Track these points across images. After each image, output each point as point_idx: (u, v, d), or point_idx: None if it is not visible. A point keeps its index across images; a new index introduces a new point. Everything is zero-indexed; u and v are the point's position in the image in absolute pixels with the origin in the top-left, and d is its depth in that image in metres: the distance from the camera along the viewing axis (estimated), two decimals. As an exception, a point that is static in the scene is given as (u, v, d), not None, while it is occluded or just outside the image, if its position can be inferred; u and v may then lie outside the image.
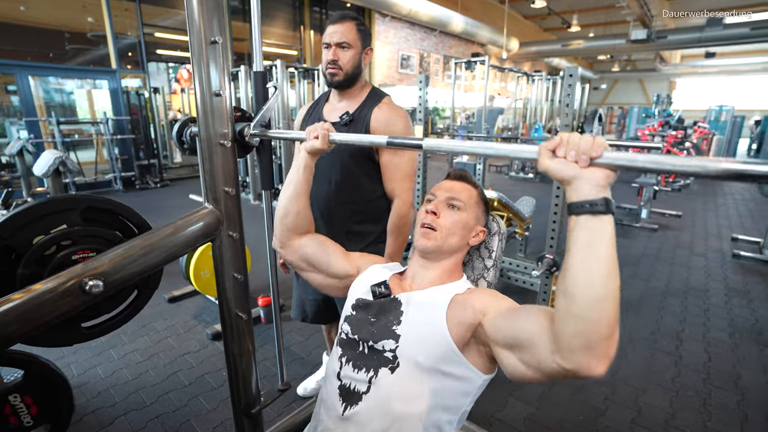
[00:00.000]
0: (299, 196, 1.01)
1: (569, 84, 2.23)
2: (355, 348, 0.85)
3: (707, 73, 18.03)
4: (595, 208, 0.54)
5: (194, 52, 0.96)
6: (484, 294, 0.82)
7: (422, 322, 0.80)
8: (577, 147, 0.55)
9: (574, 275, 0.55)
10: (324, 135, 0.93)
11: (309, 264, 1.03)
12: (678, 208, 5.12)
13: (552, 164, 0.57)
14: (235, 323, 1.19)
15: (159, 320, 2.41)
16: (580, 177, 0.55)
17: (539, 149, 0.59)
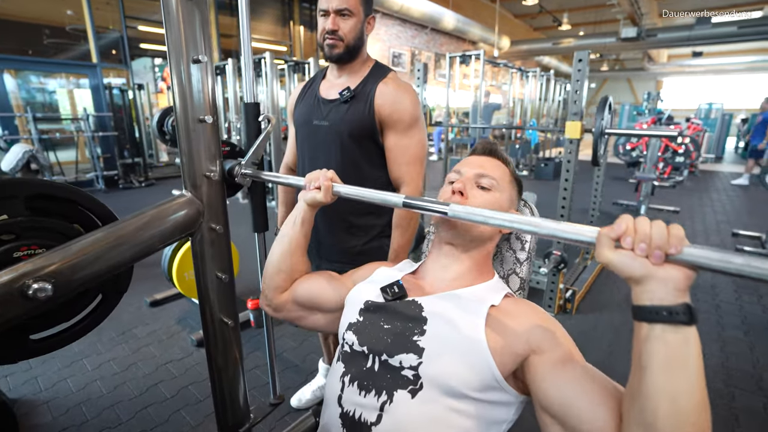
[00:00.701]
0: (296, 250, 0.86)
1: (578, 69, 2.11)
2: (363, 363, 0.68)
3: (694, 72, 18.30)
4: (675, 317, 0.43)
5: (174, 71, 0.84)
6: (534, 317, 0.66)
7: (456, 338, 0.64)
8: (648, 238, 0.44)
9: (655, 403, 0.44)
10: (327, 187, 0.79)
11: (307, 307, 0.88)
12: (675, 204, 5.06)
13: (615, 258, 0.46)
14: (220, 330, 1.03)
15: (139, 326, 2.22)
16: (652, 277, 0.44)
17: (599, 237, 0.47)
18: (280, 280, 0.87)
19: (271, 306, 0.90)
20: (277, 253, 0.87)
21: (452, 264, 0.76)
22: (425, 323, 0.67)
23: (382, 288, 0.75)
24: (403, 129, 1.12)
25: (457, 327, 0.65)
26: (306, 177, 0.83)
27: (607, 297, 2.67)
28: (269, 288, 0.89)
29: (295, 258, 0.87)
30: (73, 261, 0.75)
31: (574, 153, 2.19)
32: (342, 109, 1.13)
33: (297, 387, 1.73)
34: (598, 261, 0.48)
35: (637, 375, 0.46)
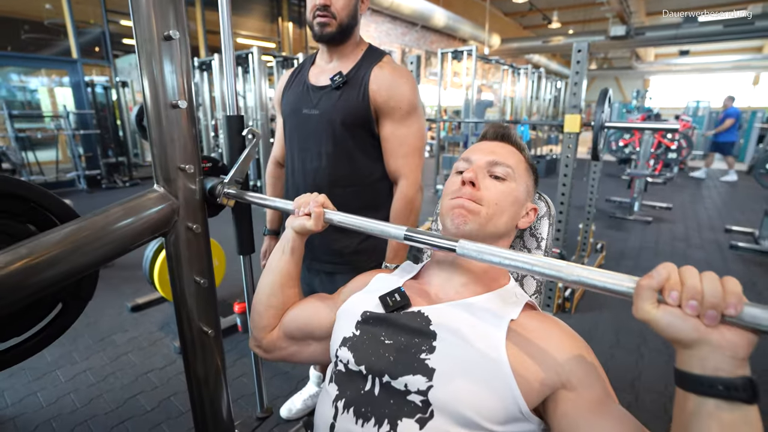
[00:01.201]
0: (287, 281, 0.77)
1: (578, 60, 2.04)
2: (360, 385, 0.58)
3: (680, 71, 18.56)
4: (733, 393, 0.35)
5: (142, 50, 0.74)
6: (565, 342, 0.56)
7: (472, 358, 0.54)
8: (699, 294, 0.36)
9: None
10: (318, 214, 0.70)
11: (299, 339, 0.77)
12: (667, 200, 5.05)
13: (660, 316, 0.38)
14: (199, 340, 0.93)
15: (119, 333, 2.09)
16: (706, 342, 0.36)
17: (638, 289, 0.39)
18: (270, 318, 0.78)
19: (261, 347, 0.80)
20: (266, 287, 0.78)
21: (463, 267, 0.66)
22: (434, 338, 0.57)
23: (382, 297, 0.65)
24: (401, 117, 1.02)
25: (472, 344, 0.55)
26: (294, 201, 0.74)
27: (603, 295, 2.61)
28: (258, 328, 0.79)
29: (287, 291, 0.77)
30: (22, 266, 0.64)
31: (573, 147, 2.12)
32: (334, 96, 1.03)
33: (287, 396, 1.63)
34: (637, 317, 0.39)
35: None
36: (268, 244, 1.35)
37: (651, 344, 2.07)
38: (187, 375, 0.96)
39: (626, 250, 3.46)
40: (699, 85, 19.37)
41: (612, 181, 6.31)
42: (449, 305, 0.62)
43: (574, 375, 0.53)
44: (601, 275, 0.44)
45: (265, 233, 1.36)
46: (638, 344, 2.06)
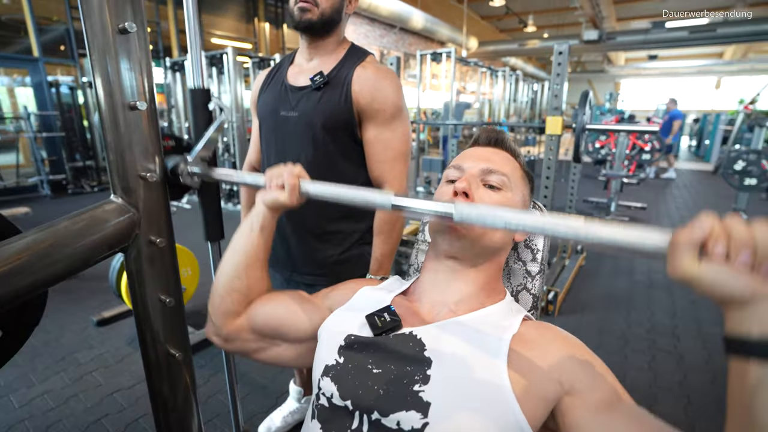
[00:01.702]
0: (254, 263, 0.68)
1: (559, 63, 2.03)
2: (347, 423, 0.51)
3: (649, 74, 19.28)
4: None
5: (93, 45, 0.66)
6: (564, 348, 0.52)
7: (471, 386, 0.49)
8: (752, 244, 0.32)
9: None
10: (293, 186, 0.62)
11: (268, 336, 0.68)
12: (642, 200, 5.18)
13: (706, 272, 0.33)
14: (166, 364, 0.84)
15: (83, 350, 1.95)
16: (763, 297, 0.31)
17: (675, 242, 0.34)
18: (232, 303, 0.68)
19: (220, 336, 0.70)
20: (229, 268, 0.68)
21: (457, 282, 0.61)
22: (429, 366, 0.51)
23: (369, 316, 0.59)
24: (385, 120, 0.96)
25: (471, 369, 0.50)
26: (266, 173, 0.65)
27: (587, 296, 2.63)
28: (218, 314, 0.69)
29: (252, 273, 0.68)
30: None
31: (555, 149, 2.12)
32: (314, 98, 0.96)
33: (266, 413, 1.54)
34: (675, 277, 0.34)
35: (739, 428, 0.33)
36: None
37: (634, 345, 2.08)
38: (152, 400, 0.87)
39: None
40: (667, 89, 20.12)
41: (589, 182, 6.43)
42: (443, 325, 0.56)
43: (576, 379, 0.48)
44: (626, 231, 0.38)
45: None
46: (621, 346, 2.07)
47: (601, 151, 5.39)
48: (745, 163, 3.43)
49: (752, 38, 9.72)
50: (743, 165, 3.44)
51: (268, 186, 0.65)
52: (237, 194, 4.82)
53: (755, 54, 15.43)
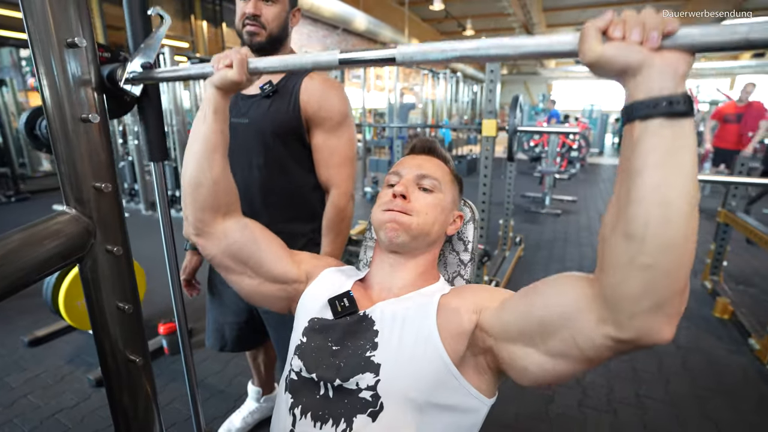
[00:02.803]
0: (212, 154, 0.68)
1: (491, 70, 2.21)
2: (315, 391, 0.61)
3: (576, 77, 20.92)
4: (675, 107, 0.38)
5: (40, 60, 0.65)
6: (476, 289, 0.65)
7: (408, 342, 0.60)
8: (641, 23, 0.39)
9: (646, 207, 0.39)
10: (241, 60, 0.62)
11: (237, 261, 0.72)
12: (572, 194, 5.66)
13: (608, 49, 0.39)
14: (125, 371, 0.86)
15: (13, 373, 1.82)
16: (651, 65, 0.38)
17: (585, 30, 0.40)
18: (202, 196, 0.69)
19: (200, 234, 0.72)
20: (191, 161, 0.69)
21: (399, 273, 0.71)
22: (376, 335, 0.62)
23: (330, 301, 0.68)
24: (331, 127, 1.04)
25: (409, 329, 0.61)
26: (213, 58, 0.66)
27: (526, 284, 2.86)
28: (193, 210, 0.70)
29: (215, 163, 0.69)
30: None
31: (491, 150, 2.30)
32: (264, 105, 1.01)
33: (225, 415, 1.55)
34: (584, 60, 0.41)
35: (626, 184, 0.41)
36: (190, 258, 1.29)
37: (565, 324, 2.32)
38: (112, 410, 0.88)
39: (541, 242, 3.82)
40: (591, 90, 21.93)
41: (525, 178, 6.88)
42: (389, 302, 0.66)
43: (483, 299, 0.61)
44: (545, 39, 0.44)
45: (187, 248, 1.29)
46: (555, 325, 2.30)
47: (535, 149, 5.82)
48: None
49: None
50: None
51: (216, 68, 0.64)
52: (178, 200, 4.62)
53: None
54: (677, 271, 0.39)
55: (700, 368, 1.93)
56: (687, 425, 1.58)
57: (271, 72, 0.64)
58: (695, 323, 2.34)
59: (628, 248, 0.40)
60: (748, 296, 2.67)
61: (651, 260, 0.39)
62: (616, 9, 0.42)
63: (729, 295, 2.52)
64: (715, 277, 2.76)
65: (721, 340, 2.17)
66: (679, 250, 0.39)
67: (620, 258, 0.41)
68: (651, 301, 0.40)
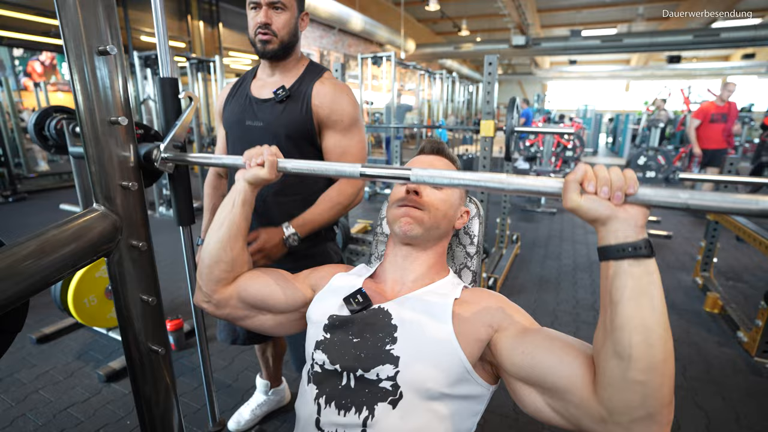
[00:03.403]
0: (235, 239, 0.77)
1: (489, 72, 2.27)
2: (338, 382, 0.66)
3: (571, 77, 21.08)
4: (639, 251, 0.47)
5: (74, 64, 0.71)
6: (490, 300, 0.69)
7: (427, 339, 0.64)
8: (609, 182, 0.48)
9: (629, 333, 0.47)
10: (272, 162, 0.72)
11: (253, 307, 0.80)
12: (567, 193, 5.74)
13: (584, 202, 0.49)
14: (148, 360, 0.91)
15: (23, 370, 1.85)
16: (616, 217, 0.48)
17: (566, 184, 0.50)
18: (220, 272, 0.78)
19: (211, 302, 0.80)
20: (215, 241, 0.78)
21: (412, 265, 0.76)
22: (395, 330, 0.66)
23: (346, 299, 0.72)
24: (342, 129, 1.09)
25: (427, 328, 0.65)
26: (245, 154, 0.75)
27: (522, 280, 2.93)
28: (208, 281, 0.78)
29: (236, 245, 0.77)
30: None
31: (489, 149, 2.36)
32: (277, 109, 1.06)
33: (233, 409, 1.60)
34: (567, 207, 0.51)
35: (609, 311, 0.49)
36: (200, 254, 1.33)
37: (562, 319, 2.38)
38: (136, 398, 0.93)
39: (537, 239, 3.90)
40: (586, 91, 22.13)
41: (521, 178, 6.96)
42: (404, 299, 0.71)
43: (502, 320, 0.65)
44: (537, 181, 0.54)
45: (200, 243, 1.33)
46: (551, 321, 2.36)
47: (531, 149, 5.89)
48: (645, 158, 3.98)
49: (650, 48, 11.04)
50: (645, 160, 3.98)
51: (247, 165, 0.74)
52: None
53: (654, 62, 17.53)
54: (662, 386, 0.46)
55: (691, 359, 2.01)
56: (678, 412, 1.64)
57: (298, 173, 0.72)
58: (686, 317, 2.41)
59: (618, 365, 0.47)
60: (737, 291, 2.76)
61: (640, 377, 0.46)
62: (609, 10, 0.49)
63: (719, 290, 2.61)
64: (706, 273, 2.84)
65: (710, 333, 2.25)
66: (661, 369, 0.46)
67: (613, 373, 0.48)
68: (645, 411, 0.47)
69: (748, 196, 0.44)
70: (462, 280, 0.86)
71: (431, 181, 0.59)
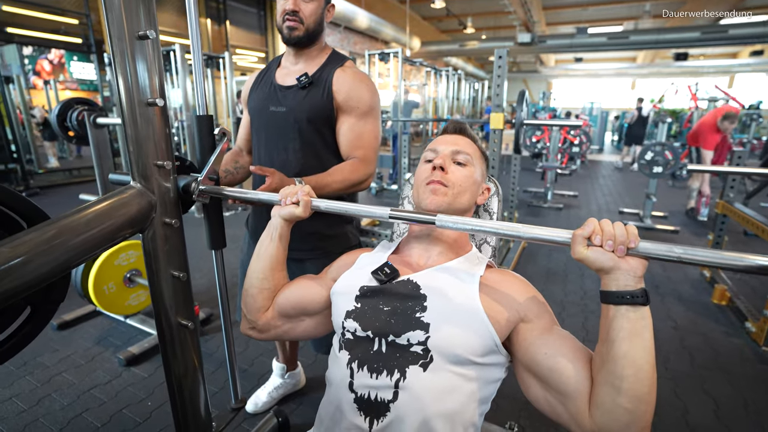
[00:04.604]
0: (275, 269, 0.85)
1: (499, 66, 2.29)
2: (369, 348, 0.69)
3: (576, 75, 20.98)
4: (636, 299, 0.54)
5: (116, 48, 0.76)
6: (521, 288, 0.72)
7: (455, 309, 0.68)
8: (613, 237, 0.55)
9: (621, 367, 0.54)
10: (306, 202, 0.79)
11: (293, 316, 0.86)
12: (574, 189, 5.76)
13: (590, 254, 0.56)
14: (177, 334, 0.95)
15: (46, 353, 1.91)
16: (619, 268, 0.55)
17: (574, 237, 0.57)
18: (263, 299, 0.85)
19: (256, 328, 0.87)
20: (258, 272, 0.85)
21: (436, 240, 0.80)
22: (425, 299, 0.70)
23: (374, 272, 0.76)
24: (358, 115, 1.12)
25: (454, 298, 0.69)
26: (281, 192, 0.82)
27: (531, 272, 2.96)
28: (252, 310, 0.85)
29: (277, 274, 0.85)
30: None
31: (498, 142, 2.39)
32: (300, 95, 1.10)
33: (249, 392, 1.64)
34: (574, 257, 0.58)
35: (606, 345, 0.56)
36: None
37: (570, 310, 2.41)
38: (166, 370, 0.97)
39: (543, 234, 3.91)
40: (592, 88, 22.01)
41: (527, 174, 6.98)
42: (431, 270, 0.75)
43: (529, 311, 0.69)
44: (547, 232, 0.62)
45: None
46: (559, 311, 2.39)
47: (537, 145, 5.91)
48: (653, 154, 3.97)
49: (657, 45, 10.97)
50: (652, 155, 3.98)
51: (283, 202, 0.81)
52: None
53: (661, 59, 17.41)
54: (646, 413, 0.54)
55: (699, 348, 2.03)
56: (687, 399, 1.67)
57: (330, 212, 0.80)
58: (694, 309, 2.43)
59: (609, 392, 0.55)
60: (745, 283, 2.77)
61: (628, 404, 0.53)
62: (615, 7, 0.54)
63: (727, 282, 2.62)
64: (714, 266, 2.85)
65: (718, 324, 2.26)
66: (647, 399, 0.54)
67: (605, 398, 0.55)
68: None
69: (735, 254, 0.51)
70: (481, 253, 0.90)
71: (454, 227, 0.66)
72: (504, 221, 0.64)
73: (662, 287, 2.75)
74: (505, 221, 0.66)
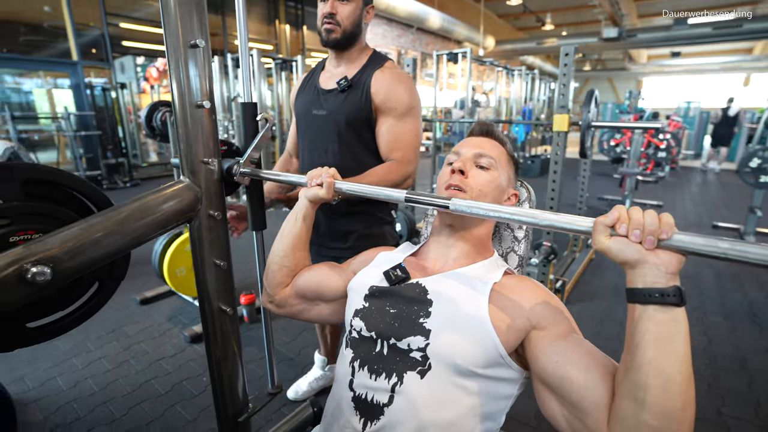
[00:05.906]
0: (296, 249, 0.88)
1: (565, 63, 2.15)
2: (372, 348, 0.69)
3: (672, 72, 18.82)
4: (666, 299, 0.46)
5: (171, 56, 0.83)
6: (535, 294, 0.67)
7: (460, 317, 0.65)
8: (641, 226, 0.47)
9: (645, 375, 0.46)
10: (329, 184, 0.80)
11: (309, 299, 0.89)
12: (658, 198, 5.19)
13: (612, 244, 0.48)
14: (218, 319, 1.03)
15: (129, 324, 2.19)
16: (646, 262, 0.47)
17: (595, 225, 0.50)
18: (283, 276, 0.88)
19: (274, 302, 0.91)
20: (280, 249, 0.88)
21: (455, 244, 0.77)
22: (430, 305, 0.68)
23: (385, 272, 0.76)
24: (397, 116, 1.12)
25: (461, 306, 0.66)
26: (307, 174, 0.84)
27: (596, 287, 2.73)
28: (272, 285, 0.90)
29: (298, 253, 0.88)
30: (72, 246, 0.74)
31: (562, 145, 2.24)
32: (340, 98, 1.14)
33: (292, 380, 1.73)
34: (595, 248, 0.50)
35: (630, 351, 0.48)
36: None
37: (636, 332, 2.18)
38: (208, 351, 1.06)
39: (616, 246, 3.58)
40: (692, 86, 19.62)
41: (605, 180, 6.44)
42: (442, 276, 0.73)
43: (542, 317, 0.63)
44: (567, 218, 0.53)
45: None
46: (618, 332, 2.17)
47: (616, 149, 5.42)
48: (760, 160, 3.44)
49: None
50: (758, 162, 3.45)
51: (309, 184, 0.83)
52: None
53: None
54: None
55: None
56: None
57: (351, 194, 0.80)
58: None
59: (630, 405, 0.47)
60: None
61: (656, 423, 0.45)
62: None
63: None
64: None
65: None
66: (680, 417, 0.45)
67: (626, 413, 0.48)
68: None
69: None
70: (508, 263, 0.86)
71: (468, 211, 0.61)
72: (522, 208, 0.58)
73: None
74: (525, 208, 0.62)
